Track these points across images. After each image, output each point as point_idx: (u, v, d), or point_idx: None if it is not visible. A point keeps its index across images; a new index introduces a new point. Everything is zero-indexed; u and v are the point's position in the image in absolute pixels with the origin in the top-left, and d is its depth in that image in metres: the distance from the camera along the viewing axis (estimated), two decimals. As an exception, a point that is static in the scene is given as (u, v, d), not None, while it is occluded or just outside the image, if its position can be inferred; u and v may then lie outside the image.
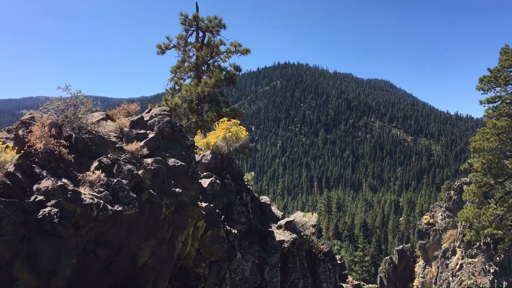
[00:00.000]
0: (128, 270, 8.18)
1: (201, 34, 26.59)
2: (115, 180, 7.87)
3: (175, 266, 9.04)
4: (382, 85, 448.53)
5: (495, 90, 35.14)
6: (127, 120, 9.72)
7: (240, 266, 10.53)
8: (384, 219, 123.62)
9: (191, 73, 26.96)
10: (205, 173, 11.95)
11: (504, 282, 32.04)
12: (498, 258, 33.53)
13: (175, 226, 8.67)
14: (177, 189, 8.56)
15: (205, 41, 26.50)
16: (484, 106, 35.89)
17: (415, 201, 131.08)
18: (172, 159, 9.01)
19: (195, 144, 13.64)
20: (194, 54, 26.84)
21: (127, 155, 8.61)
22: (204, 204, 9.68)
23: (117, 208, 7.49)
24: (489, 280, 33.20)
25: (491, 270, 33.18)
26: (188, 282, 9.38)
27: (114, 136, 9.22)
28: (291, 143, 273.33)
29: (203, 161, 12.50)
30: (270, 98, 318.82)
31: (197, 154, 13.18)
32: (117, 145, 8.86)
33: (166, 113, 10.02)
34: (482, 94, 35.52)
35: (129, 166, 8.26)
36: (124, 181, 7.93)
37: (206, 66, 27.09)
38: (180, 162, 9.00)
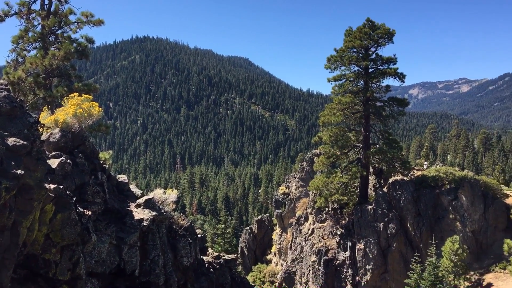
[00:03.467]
0: (-37, 264, 7.29)
1: (47, 1, 24.20)
2: None
3: (20, 254, 8.28)
4: (241, 62, 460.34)
5: (340, 69, 38.35)
6: (-46, 95, 8.49)
7: (96, 248, 10.06)
8: (245, 191, 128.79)
9: (37, 44, 24.47)
10: (54, 153, 11.07)
11: (348, 243, 35.78)
12: (343, 222, 37.27)
13: (19, 211, 7.90)
14: (19, 171, 7.78)
15: (52, 9, 24.21)
16: (331, 84, 39.09)
17: (273, 173, 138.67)
18: (12, 138, 8.13)
19: (42, 122, 12.53)
20: (39, 23, 24.37)
21: (-45, 135, 7.56)
22: (52, 186, 8.97)
23: None
24: (336, 241, 36.80)
25: (338, 233, 36.77)
26: (36, 269, 8.70)
27: None
28: (152, 120, 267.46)
29: (51, 139, 11.55)
30: (129, 73, 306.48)
31: (45, 132, 12.14)
32: None
33: (4, 87, 8.97)
34: (329, 72, 38.50)
35: (-42, 147, 7.27)
36: (-48, 164, 6.97)
37: (54, 36, 24.82)
38: (21, 142, 8.17)
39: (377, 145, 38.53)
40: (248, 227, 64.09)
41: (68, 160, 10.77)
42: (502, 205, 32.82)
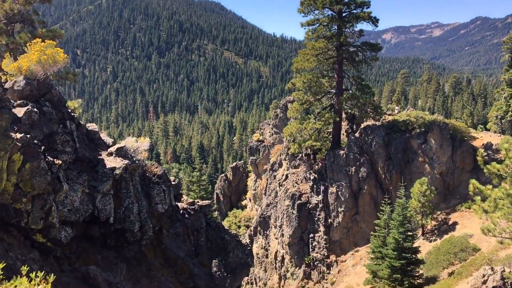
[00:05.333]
0: None
1: None
2: None
3: (-10, 205, 8.18)
4: (213, 6, 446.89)
5: (314, 13, 37.58)
6: None
7: (68, 197, 9.99)
8: (219, 139, 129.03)
9: (-5, -13, 23.16)
10: (19, 102, 10.70)
11: (321, 187, 36.63)
12: (316, 167, 37.94)
13: (-16, 161, 7.73)
14: (-18, 120, 7.55)
15: (9, -51, 22.73)
16: (305, 29, 38.43)
17: (247, 120, 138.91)
18: (-28, 86, 7.83)
19: (4, 69, 12.04)
20: (-4, -35, 22.94)
21: None
22: (19, 135, 8.75)
23: None
24: (309, 186, 37.60)
25: (311, 177, 37.51)
26: (8, 219, 8.63)
27: None
28: (122, 68, 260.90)
29: (15, 88, 11.13)
30: (96, 18, 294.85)
31: (8, 80, 11.70)
32: None
33: (-40, 32, 8.50)
34: (303, 16, 37.75)
35: None
36: None
37: (13, -21, 23.50)
38: (-18, 89, 7.87)
39: (350, 91, 38.68)
40: (223, 174, 64.74)
41: (35, 109, 10.46)
42: (469, 147, 33.87)
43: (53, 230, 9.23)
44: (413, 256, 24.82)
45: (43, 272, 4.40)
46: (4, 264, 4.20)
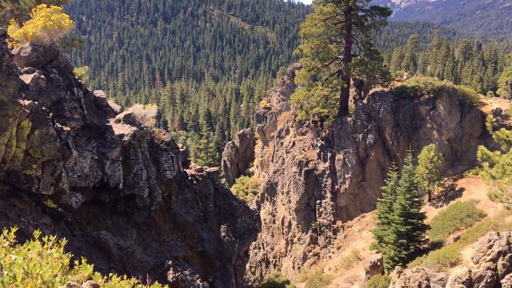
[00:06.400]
0: None
1: None
2: None
3: (1, 170, 8.28)
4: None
5: (322, -24, 36.69)
6: None
7: (77, 163, 10.08)
8: (226, 106, 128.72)
9: (-3, -49, 22.70)
10: (26, 68, 10.68)
11: (328, 154, 36.66)
12: (323, 134, 37.86)
13: (-6, 128, 7.76)
14: (-10, 87, 7.55)
15: None
16: (313, -7, 37.60)
17: (254, 87, 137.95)
18: (-21, 52, 7.78)
19: (10, 36, 11.95)
20: None
21: None
22: (27, 102, 8.75)
23: None
24: (316, 153, 37.64)
25: (318, 144, 37.49)
26: (19, 185, 8.74)
27: None
28: (128, 34, 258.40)
29: (22, 54, 11.08)
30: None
31: (15, 46, 11.64)
32: None
33: (-36, -3, 8.39)
34: (311, -20, 36.80)
35: None
36: None
37: None
38: (-11, 56, 7.83)
39: (358, 57, 38.13)
40: (230, 141, 64.91)
41: (42, 76, 10.44)
42: (478, 113, 33.56)
43: (63, 196, 9.36)
44: (419, 221, 25.03)
45: (55, 236, 4.48)
46: (17, 229, 4.29)
